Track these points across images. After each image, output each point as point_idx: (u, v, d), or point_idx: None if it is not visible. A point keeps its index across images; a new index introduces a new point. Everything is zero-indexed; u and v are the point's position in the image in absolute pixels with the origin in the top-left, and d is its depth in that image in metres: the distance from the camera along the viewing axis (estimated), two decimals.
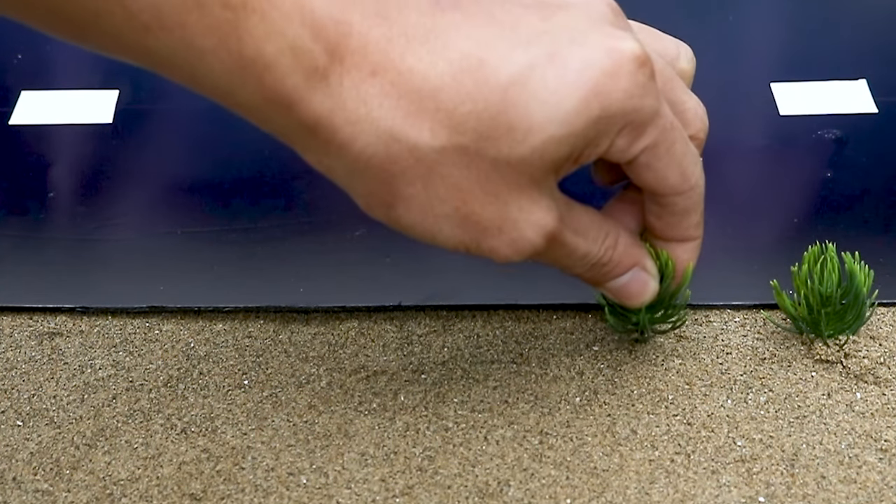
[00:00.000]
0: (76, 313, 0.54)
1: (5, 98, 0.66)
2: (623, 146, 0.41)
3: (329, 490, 0.45)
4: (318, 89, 0.37)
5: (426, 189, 0.39)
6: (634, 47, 0.39)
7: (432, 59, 0.38)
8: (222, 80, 0.37)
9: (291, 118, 0.38)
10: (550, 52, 0.39)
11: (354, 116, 0.38)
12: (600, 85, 0.39)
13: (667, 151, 0.42)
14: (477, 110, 0.38)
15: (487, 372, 0.50)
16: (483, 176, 0.39)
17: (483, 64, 0.38)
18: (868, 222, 0.57)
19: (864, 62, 0.67)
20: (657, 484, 0.45)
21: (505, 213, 0.40)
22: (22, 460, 0.47)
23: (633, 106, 0.39)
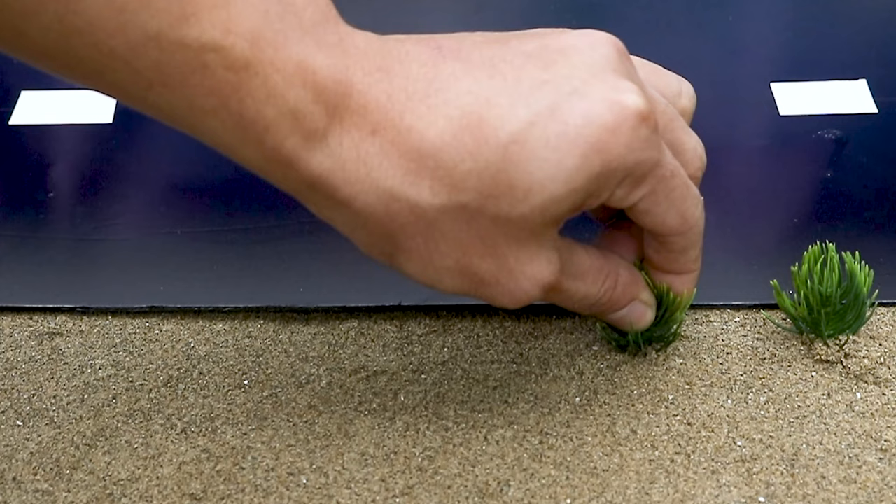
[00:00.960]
0: (76, 313, 0.54)
1: (5, 98, 0.66)
2: (622, 195, 0.41)
3: (329, 490, 0.45)
4: (317, 149, 0.38)
5: (426, 243, 0.40)
6: (637, 101, 0.39)
7: (432, 116, 0.38)
8: (224, 138, 0.38)
9: (292, 175, 0.38)
10: (551, 105, 0.38)
11: (354, 177, 0.38)
12: (602, 141, 0.38)
13: (666, 197, 0.42)
14: (477, 169, 0.38)
15: (487, 372, 0.50)
16: (483, 231, 0.39)
17: (483, 121, 0.38)
18: (868, 222, 0.57)
19: (864, 62, 0.67)
20: (657, 484, 0.45)
21: (503, 266, 0.40)
22: (22, 460, 0.47)
23: (635, 160, 0.40)
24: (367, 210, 0.39)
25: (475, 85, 0.38)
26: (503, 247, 0.40)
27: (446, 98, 0.38)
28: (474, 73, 0.39)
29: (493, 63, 0.39)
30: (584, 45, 0.41)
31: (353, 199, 0.38)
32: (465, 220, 0.39)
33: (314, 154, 0.38)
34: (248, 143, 0.38)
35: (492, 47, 0.40)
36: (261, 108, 0.37)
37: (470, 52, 0.40)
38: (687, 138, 0.45)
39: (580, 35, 0.41)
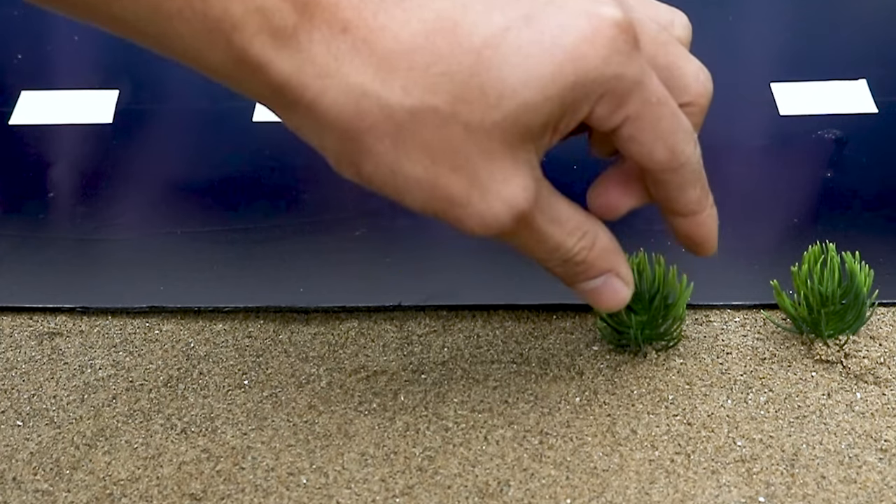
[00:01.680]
0: (76, 313, 0.54)
1: (5, 98, 0.66)
2: (603, 114, 0.39)
3: (329, 490, 0.45)
4: (286, 49, 0.37)
5: (395, 147, 0.38)
6: (615, 13, 0.38)
7: (406, 17, 0.37)
8: (191, 43, 0.37)
9: (260, 80, 0.37)
10: (527, 14, 0.38)
11: (324, 71, 0.37)
12: (577, 50, 0.37)
13: (652, 126, 0.40)
14: (450, 72, 0.37)
15: (487, 372, 0.50)
16: (455, 140, 0.38)
17: (457, 25, 0.37)
18: (868, 222, 0.57)
19: (864, 62, 0.67)
20: (657, 484, 0.45)
21: (475, 182, 0.38)
22: (22, 460, 0.47)
23: (613, 73, 0.38)
24: (335, 108, 0.37)
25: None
26: (476, 159, 0.38)
27: (422, 2, 0.37)
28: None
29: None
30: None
31: (321, 96, 0.37)
32: (436, 126, 0.38)
33: (282, 55, 0.37)
34: (214, 46, 0.37)
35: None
36: (227, 6, 0.36)
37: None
38: (686, 63, 0.43)
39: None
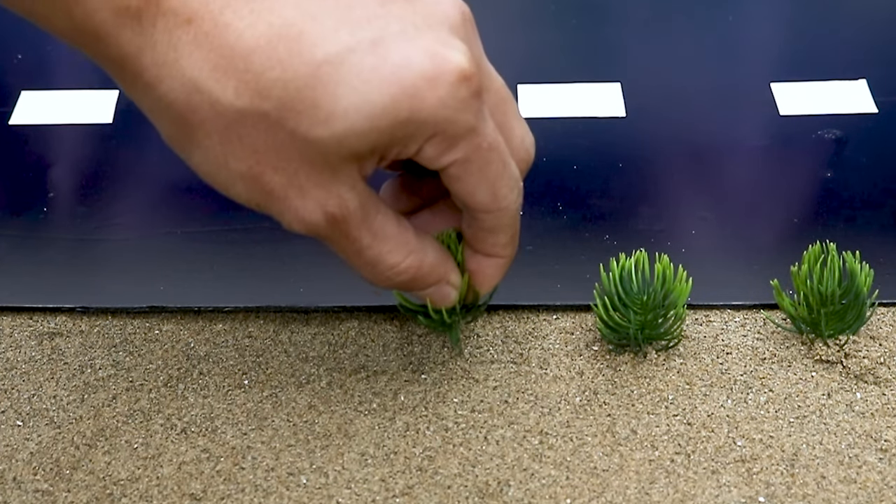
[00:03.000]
0: (76, 313, 0.54)
1: (5, 98, 0.66)
2: (432, 154, 0.40)
3: (329, 490, 0.45)
4: (127, 27, 0.37)
5: (222, 144, 0.39)
6: (461, 60, 0.38)
7: (253, 18, 0.37)
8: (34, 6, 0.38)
9: (101, 50, 0.38)
10: (376, 38, 0.38)
11: (162, 59, 0.37)
12: (415, 87, 0.38)
13: (479, 169, 0.41)
14: (284, 79, 0.37)
15: (487, 372, 0.50)
16: (279, 144, 0.38)
17: (302, 35, 0.37)
18: (868, 222, 0.57)
19: (864, 62, 0.67)
20: (657, 484, 0.45)
21: (293, 181, 0.39)
22: (22, 460, 0.47)
23: (446, 117, 0.39)
24: (169, 96, 0.38)
25: (306, 1, 0.38)
26: (297, 163, 0.39)
27: (272, 6, 0.37)
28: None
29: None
30: None
31: (157, 83, 0.38)
32: (263, 129, 0.38)
33: (124, 31, 0.37)
34: (57, 12, 0.37)
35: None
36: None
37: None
38: (516, 125, 0.43)
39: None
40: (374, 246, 0.42)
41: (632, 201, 0.58)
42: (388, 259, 0.43)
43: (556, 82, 0.66)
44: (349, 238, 0.42)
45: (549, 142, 0.62)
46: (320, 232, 0.41)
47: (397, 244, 0.43)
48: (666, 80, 0.66)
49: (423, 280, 0.45)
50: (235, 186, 0.40)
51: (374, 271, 0.43)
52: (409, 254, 0.43)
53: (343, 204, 0.40)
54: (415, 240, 0.44)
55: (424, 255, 0.44)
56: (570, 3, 0.73)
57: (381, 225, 0.42)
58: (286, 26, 0.37)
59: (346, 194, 0.40)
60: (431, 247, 0.45)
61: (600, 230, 0.57)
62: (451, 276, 0.46)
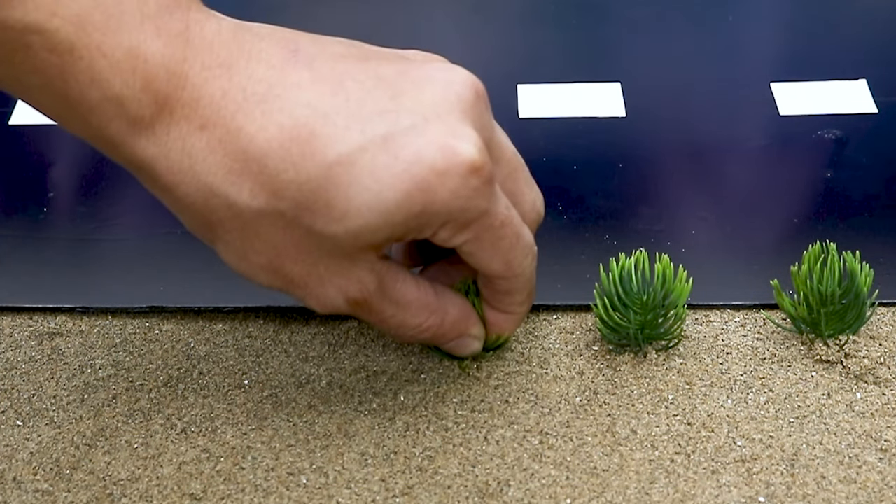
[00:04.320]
0: (76, 313, 0.54)
1: (5, 98, 0.66)
2: (445, 237, 0.41)
3: (329, 490, 0.45)
4: (142, 136, 0.38)
5: (242, 240, 0.40)
6: (472, 151, 0.39)
7: (264, 121, 0.38)
8: (52, 112, 0.38)
9: (118, 155, 0.39)
10: (386, 135, 0.38)
11: (177, 167, 0.38)
12: (427, 182, 0.38)
13: (492, 245, 0.42)
14: (299, 180, 0.38)
15: (487, 372, 0.50)
16: (297, 239, 0.40)
17: (314, 136, 0.38)
18: (868, 222, 0.57)
19: (864, 62, 0.67)
20: (657, 484, 0.45)
21: (313, 272, 0.41)
22: (22, 460, 0.47)
23: (459, 207, 0.40)
24: (187, 199, 0.39)
25: (316, 99, 0.39)
26: (315, 255, 0.40)
27: (282, 106, 0.38)
28: (319, 87, 0.39)
29: (341, 80, 0.39)
30: (440, 80, 0.41)
31: (174, 188, 0.39)
32: (281, 227, 0.40)
33: (139, 140, 0.38)
34: (73, 120, 0.38)
35: (348, 62, 0.40)
36: (84, 91, 0.37)
37: (324, 62, 0.40)
38: (527, 190, 0.45)
39: (442, 69, 0.41)
40: (397, 314, 0.44)
41: (632, 201, 0.58)
42: (411, 322, 0.45)
43: (556, 82, 0.66)
44: (373, 311, 0.43)
45: (549, 142, 0.62)
46: (343, 311, 0.43)
47: (419, 308, 0.44)
48: (666, 81, 0.66)
49: (445, 336, 0.46)
50: (259, 276, 0.42)
51: (399, 333, 0.45)
52: (431, 314, 0.45)
53: (363, 288, 0.42)
54: (435, 300, 0.45)
55: (445, 314, 0.45)
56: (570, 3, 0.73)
57: (402, 293, 0.44)
58: (297, 127, 0.38)
59: (366, 278, 0.42)
60: (452, 303, 0.46)
61: (600, 230, 0.57)
62: (473, 329, 0.47)
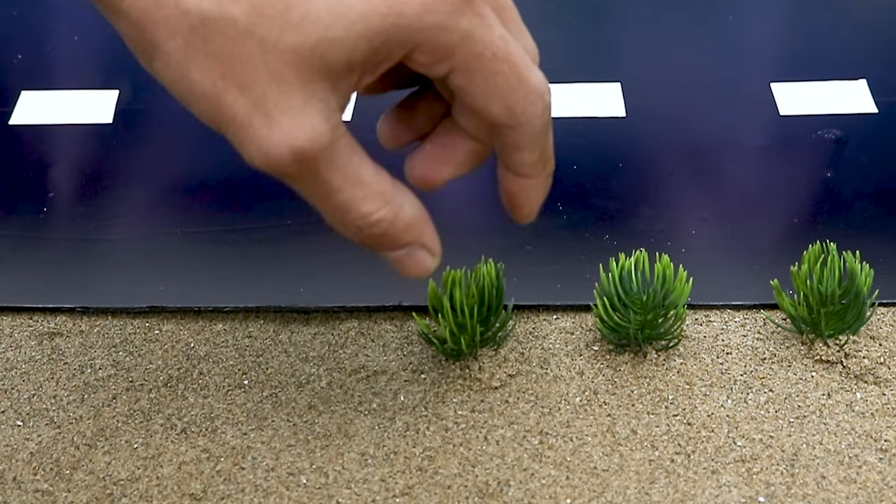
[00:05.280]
0: (76, 313, 0.54)
1: (5, 98, 0.65)
2: (424, 62, 0.37)
3: (329, 490, 0.45)
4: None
5: (186, 48, 0.36)
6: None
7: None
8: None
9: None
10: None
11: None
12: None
13: (484, 80, 0.38)
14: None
15: (488, 372, 0.50)
16: (247, 56, 0.36)
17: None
18: (868, 222, 0.57)
19: (864, 62, 0.67)
20: (657, 484, 0.45)
21: (260, 105, 0.36)
22: (22, 460, 0.47)
23: (433, 23, 0.36)
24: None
25: None
26: (265, 81, 0.36)
27: None
28: None
29: None
30: None
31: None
32: (231, 38, 0.35)
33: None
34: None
35: None
36: None
37: None
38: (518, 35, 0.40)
39: None
40: (345, 190, 0.38)
41: (632, 201, 0.58)
42: (361, 207, 0.39)
43: (556, 82, 0.66)
44: (318, 179, 0.38)
45: None
46: (284, 169, 0.37)
47: (371, 192, 0.39)
48: (666, 81, 0.66)
49: (396, 237, 0.40)
50: (199, 104, 0.37)
51: (344, 219, 0.40)
52: (385, 204, 0.39)
53: (315, 138, 0.37)
54: (392, 189, 0.40)
55: (401, 209, 0.40)
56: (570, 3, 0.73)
57: (356, 168, 0.38)
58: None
59: (320, 126, 0.37)
60: (410, 202, 0.41)
61: (600, 230, 0.57)
62: (429, 241, 0.42)
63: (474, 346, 0.50)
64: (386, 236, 0.40)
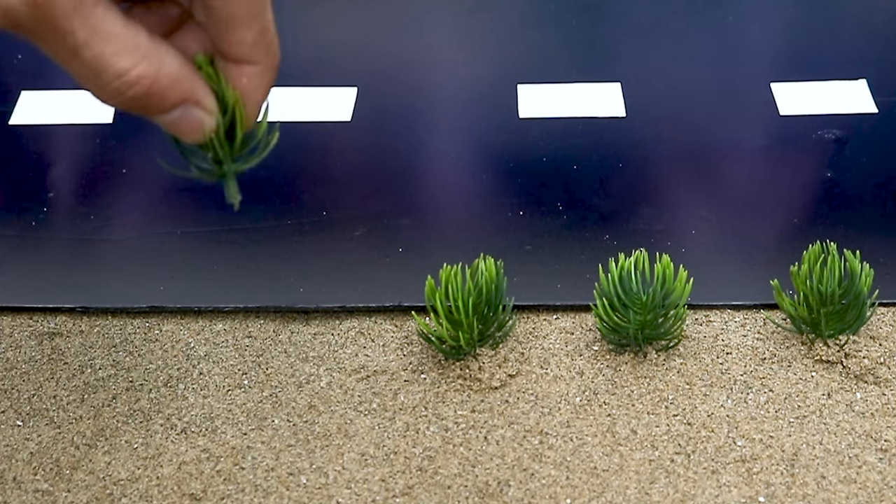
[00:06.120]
0: (76, 313, 0.54)
1: (5, 98, 0.66)
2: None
3: (329, 490, 0.45)
4: None
5: None
6: None
7: None
8: None
9: None
10: None
11: None
12: None
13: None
14: None
15: (488, 372, 0.50)
16: None
17: None
18: (868, 222, 0.57)
19: (864, 62, 0.67)
20: (657, 484, 0.45)
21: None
22: (22, 460, 0.47)
23: None
24: None
25: None
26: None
27: None
28: None
29: None
30: None
31: None
32: None
33: None
34: None
35: None
36: None
37: None
38: None
39: None
40: (93, 44, 0.35)
41: (632, 201, 0.58)
42: (115, 64, 0.35)
43: (556, 82, 0.66)
44: (58, 31, 0.34)
45: (549, 142, 0.62)
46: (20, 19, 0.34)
47: (125, 46, 0.35)
48: (666, 80, 0.66)
49: (163, 97, 0.37)
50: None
51: (100, 81, 0.36)
52: (142, 59, 0.35)
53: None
54: (148, 43, 0.36)
55: (161, 64, 0.36)
56: (570, 3, 0.73)
57: (101, 19, 0.35)
58: None
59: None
60: (170, 55, 0.37)
61: (600, 230, 0.57)
62: (202, 97, 0.38)
63: (473, 345, 0.50)
64: (151, 96, 0.36)
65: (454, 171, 0.62)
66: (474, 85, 0.67)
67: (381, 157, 0.63)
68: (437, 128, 0.64)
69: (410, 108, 0.66)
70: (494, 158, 0.62)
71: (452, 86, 0.68)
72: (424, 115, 0.65)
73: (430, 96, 0.67)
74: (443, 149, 0.63)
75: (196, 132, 0.38)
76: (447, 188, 0.61)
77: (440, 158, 0.63)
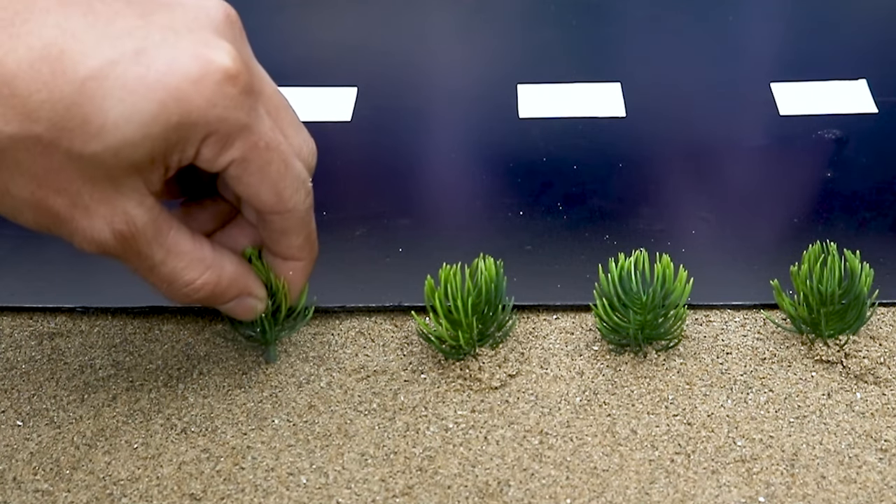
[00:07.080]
0: (76, 313, 0.54)
1: None
2: (209, 156, 0.41)
3: (329, 490, 0.45)
4: None
5: (1, 171, 0.39)
6: (225, 58, 0.39)
7: (12, 44, 0.37)
8: None
9: None
10: (139, 49, 0.38)
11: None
12: (181, 91, 0.38)
13: (259, 169, 0.41)
14: (52, 100, 0.37)
15: (488, 372, 0.50)
16: (57, 166, 0.38)
17: (64, 54, 0.37)
18: (868, 222, 0.57)
19: (864, 62, 0.67)
20: (657, 484, 0.45)
21: (78, 203, 0.40)
22: (22, 460, 0.47)
23: (217, 116, 0.39)
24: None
25: (65, 20, 0.38)
26: (78, 183, 0.39)
27: (31, 29, 0.37)
28: (68, 9, 0.38)
29: (90, 4, 0.39)
30: (191, 3, 0.40)
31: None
32: (39, 153, 0.38)
33: None
34: None
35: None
36: None
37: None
38: (294, 133, 0.44)
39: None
40: (168, 262, 0.43)
41: (632, 201, 0.58)
42: (184, 276, 0.43)
43: (556, 82, 0.66)
44: (141, 255, 0.42)
45: (549, 142, 0.62)
46: (110, 250, 0.41)
47: (193, 260, 0.43)
48: (666, 80, 0.66)
49: (222, 295, 0.45)
50: (24, 214, 0.40)
51: (171, 288, 0.44)
52: (206, 269, 0.44)
53: (130, 220, 0.40)
54: (211, 255, 0.44)
55: (222, 270, 0.44)
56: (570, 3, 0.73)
57: (175, 241, 0.42)
58: (47, 47, 0.37)
59: (133, 210, 0.40)
60: (230, 261, 0.45)
61: (600, 230, 0.57)
62: (254, 289, 0.46)
63: (473, 345, 0.50)
64: (214, 296, 0.45)
65: (454, 171, 0.62)
66: (474, 85, 0.67)
67: (381, 157, 0.63)
68: (437, 128, 0.64)
69: (410, 108, 0.66)
70: (494, 158, 0.62)
71: (452, 86, 0.68)
72: (424, 115, 0.65)
73: (431, 96, 0.67)
74: (443, 149, 0.63)
75: (249, 315, 0.47)
76: (447, 188, 0.61)
77: (440, 158, 0.63)
